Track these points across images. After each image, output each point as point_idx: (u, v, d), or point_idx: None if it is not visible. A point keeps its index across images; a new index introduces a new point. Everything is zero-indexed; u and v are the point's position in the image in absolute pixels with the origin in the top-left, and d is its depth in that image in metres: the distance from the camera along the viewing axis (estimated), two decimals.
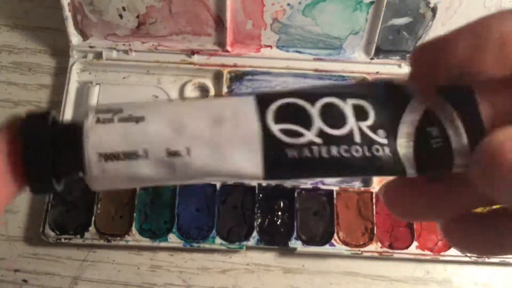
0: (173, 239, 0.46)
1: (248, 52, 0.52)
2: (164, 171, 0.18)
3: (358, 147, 0.18)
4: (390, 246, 0.47)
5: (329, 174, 0.18)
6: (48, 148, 0.18)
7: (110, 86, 0.51)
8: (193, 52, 0.52)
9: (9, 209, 0.48)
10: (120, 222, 0.46)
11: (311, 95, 0.18)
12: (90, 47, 0.52)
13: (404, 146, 0.18)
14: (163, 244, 0.46)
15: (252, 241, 0.46)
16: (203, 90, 0.52)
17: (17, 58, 0.54)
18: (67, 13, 0.50)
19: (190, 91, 0.52)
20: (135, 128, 0.17)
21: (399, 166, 0.18)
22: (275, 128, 0.18)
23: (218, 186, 0.47)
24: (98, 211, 0.46)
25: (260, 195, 0.47)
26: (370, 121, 0.18)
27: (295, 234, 0.46)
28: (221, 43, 0.52)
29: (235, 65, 0.52)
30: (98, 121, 0.18)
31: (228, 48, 0.52)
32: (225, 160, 0.18)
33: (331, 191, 0.48)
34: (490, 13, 0.17)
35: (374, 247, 0.46)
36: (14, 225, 0.47)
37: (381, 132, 0.18)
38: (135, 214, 0.46)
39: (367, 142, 0.18)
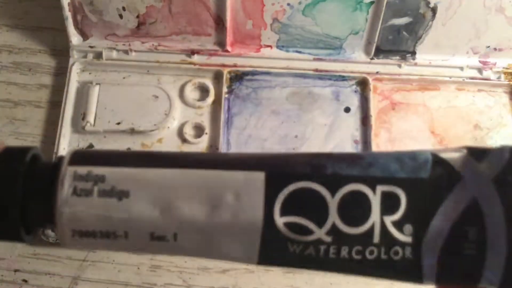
0: None
1: (248, 52, 0.52)
2: (144, 250, 0.16)
3: (374, 248, 0.15)
4: None
5: (334, 272, 0.16)
6: (17, 198, 0.15)
7: (110, 86, 0.51)
8: (193, 52, 0.52)
9: None
10: None
11: (336, 179, 0.15)
12: (90, 47, 0.52)
13: (430, 247, 0.15)
14: None
15: None
16: (203, 90, 0.52)
17: (17, 58, 0.54)
18: (67, 13, 0.50)
19: (190, 91, 0.52)
20: (117, 206, 0.15)
21: (416, 273, 0.15)
22: (281, 221, 0.15)
23: None
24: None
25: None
26: (399, 214, 0.15)
27: None
28: (221, 43, 0.52)
29: (235, 65, 0.52)
30: (74, 192, 0.15)
31: (228, 48, 0.52)
32: (217, 249, 0.16)
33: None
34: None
35: None
36: None
37: (408, 228, 0.15)
38: None
39: (387, 242, 0.15)
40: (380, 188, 0.15)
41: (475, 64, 0.53)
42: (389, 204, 0.15)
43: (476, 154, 0.15)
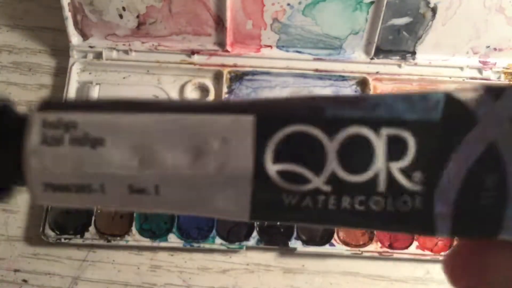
0: (173, 239, 0.46)
1: (248, 52, 0.52)
2: (124, 205, 0.14)
3: (379, 198, 0.14)
4: (390, 246, 0.47)
5: (334, 225, 0.15)
6: None
7: (110, 86, 0.51)
8: (193, 52, 0.52)
9: (9, 209, 0.48)
10: (120, 222, 0.46)
11: (335, 122, 0.14)
12: (90, 47, 0.52)
13: (443, 195, 0.14)
14: (163, 244, 0.46)
15: (252, 241, 0.46)
16: (203, 90, 0.52)
17: (17, 58, 0.54)
18: (67, 13, 0.50)
19: (190, 91, 0.52)
20: (90, 155, 0.14)
21: (428, 225, 0.14)
22: (273, 169, 0.14)
23: None
24: (98, 211, 0.46)
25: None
26: (407, 160, 0.14)
27: (295, 234, 0.46)
28: (221, 43, 0.52)
29: (235, 65, 0.52)
30: (44, 140, 0.14)
31: (228, 48, 0.52)
32: (203, 202, 0.14)
33: None
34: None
35: (374, 247, 0.46)
36: (14, 225, 0.47)
37: (418, 175, 0.14)
38: (135, 214, 0.46)
39: (394, 191, 0.14)
40: (385, 131, 0.14)
41: (475, 64, 0.53)
42: (395, 149, 0.14)
43: (494, 92, 0.14)
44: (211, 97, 0.51)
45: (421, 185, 0.14)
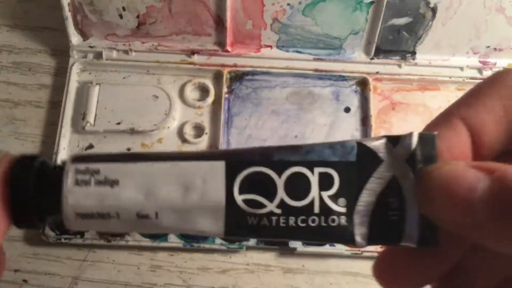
0: (173, 239, 0.46)
1: (248, 52, 0.52)
2: (133, 228, 0.20)
3: (315, 217, 0.19)
4: None
5: (285, 239, 0.20)
6: (31, 196, 0.20)
7: (110, 86, 0.51)
8: (193, 52, 0.52)
9: None
10: None
11: (281, 164, 0.19)
12: (90, 47, 0.52)
13: (360, 215, 0.19)
14: (163, 244, 0.46)
15: (252, 241, 0.46)
16: (203, 90, 0.52)
17: (17, 58, 0.54)
18: (67, 13, 0.50)
19: (190, 91, 0.52)
20: (110, 192, 0.19)
21: (350, 236, 0.19)
22: (240, 198, 0.19)
23: None
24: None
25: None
26: (334, 190, 0.19)
27: None
28: (221, 43, 0.52)
29: (235, 65, 0.52)
30: (76, 183, 0.19)
31: (228, 48, 0.52)
32: (190, 224, 0.19)
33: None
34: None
35: (374, 247, 0.46)
36: None
37: (341, 200, 0.19)
38: None
39: (325, 212, 0.19)
40: (317, 170, 0.19)
41: (475, 64, 0.53)
42: (325, 182, 0.19)
43: (392, 140, 0.19)
44: (211, 97, 0.51)
45: (344, 207, 0.19)
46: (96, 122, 0.49)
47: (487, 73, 0.53)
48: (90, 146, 0.49)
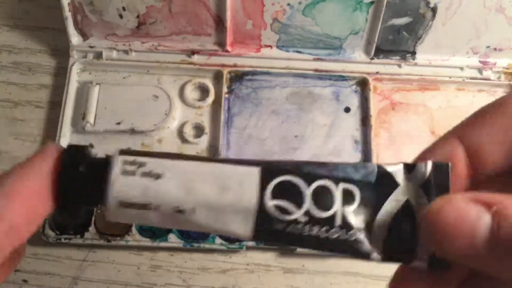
0: (173, 239, 0.46)
1: (248, 52, 0.52)
2: (168, 221, 0.21)
3: (337, 230, 0.21)
4: None
5: (308, 247, 0.21)
6: (80, 182, 0.21)
7: (110, 86, 0.51)
8: (193, 52, 0.52)
9: None
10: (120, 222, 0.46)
11: (310, 176, 0.21)
12: (90, 47, 0.52)
13: (377, 233, 0.21)
14: (163, 244, 0.46)
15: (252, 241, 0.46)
16: (203, 90, 0.52)
17: (17, 58, 0.54)
18: (67, 13, 0.50)
19: (190, 91, 0.52)
20: (153, 184, 0.20)
21: (366, 251, 0.21)
22: (270, 203, 0.20)
23: None
24: (98, 211, 0.46)
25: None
26: (355, 206, 0.21)
27: None
28: (221, 43, 0.52)
29: (235, 65, 0.52)
30: (123, 172, 0.21)
31: (228, 48, 0.52)
32: (222, 223, 0.21)
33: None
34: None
35: None
36: None
37: (361, 217, 0.21)
38: None
39: (346, 226, 0.21)
40: (341, 185, 0.21)
41: (475, 64, 0.53)
42: (347, 197, 0.21)
43: (408, 168, 0.21)
44: (211, 97, 0.51)
45: (363, 223, 0.21)
46: (96, 122, 0.49)
47: (487, 73, 0.53)
48: (90, 146, 0.49)
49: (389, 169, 0.21)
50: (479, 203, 0.18)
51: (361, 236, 0.20)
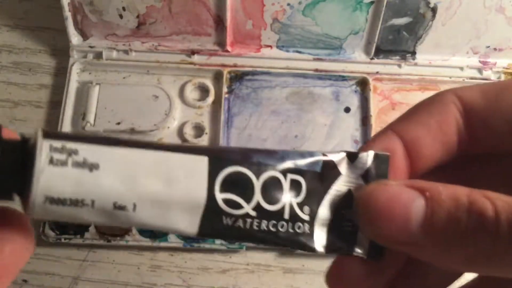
0: (173, 239, 0.46)
1: (248, 52, 0.52)
2: (105, 219, 0.18)
3: (284, 223, 0.20)
4: None
5: (256, 242, 0.20)
6: None
7: (110, 86, 0.51)
8: (193, 52, 0.52)
9: None
10: None
11: (260, 166, 0.20)
12: (90, 47, 0.52)
13: (320, 224, 0.20)
14: (163, 244, 0.46)
15: None
16: (203, 90, 0.52)
17: (17, 58, 0.54)
18: (67, 13, 0.50)
19: (190, 91, 0.52)
20: (88, 177, 0.17)
21: (311, 244, 0.20)
22: (220, 197, 0.19)
23: None
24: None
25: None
26: (301, 197, 0.20)
27: None
28: (221, 43, 0.52)
29: (235, 65, 0.52)
30: (51, 162, 0.17)
31: (228, 48, 0.52)
32: (167, 220, 0.18)
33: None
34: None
35: None
36: None
37: (306, 208, 0.20)
38: None
39: (293, 218, 0.20)
40: (289, 176, 0.20)
41: (475, 64, 0.53)
42: (295, 189, 0.20)
43: (351, 156, 0.21)
44: (211, 97, 0.51)
45: (308, 215, 0.20)
46: (96, 122, 0.49)
47: (487, 73, 0.53)
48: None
49: (333, 157, 0.21)
50: (413, 188, 0.18)
51: (306, 228, 0.20)
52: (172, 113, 0.50)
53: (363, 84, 0.53)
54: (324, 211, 0.20)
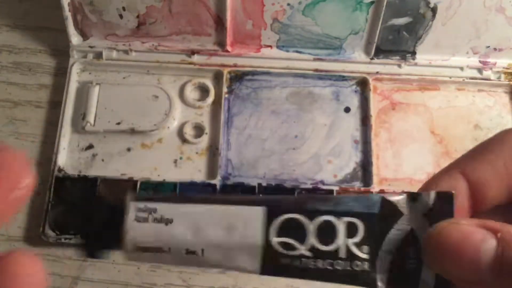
0: None
1: (248, 52, 0.52)
2: (181, 262, 0.22)
3: (341, 262, 0.22)
4: None
5: (314, 279, 0.22)
6: (100, 229, 0.24)
7: (110, 86, 0.51)
8: (193, 52, 0.52)
9: None
10: None
11: (313, 212, 0.22)
12: (90, 47, 0.52)
13: (382, 262, 0.22)
14: None
15: None
16: (203, 90, 0.52)
17: (17, 58, 0.54)
18: (67, 13, 0.50)
19: (190, 91, 0.52)
20: (164, 229, 0.22)
21: (372, 280, 0.21)
22: (275, 241, 0.22)
23: (218, 186, 0.47)
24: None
25: (260, 195, 0.47)
26: (358, 237, 0.22)
27: None
28: (221, 43, 0.52)
29: (235, 65, 0.52)
30: (136, 219, 0.23)
31: (228, 48, 0.52)
32: (230, 261, 0.22)
33: (331, 191, 0.48)
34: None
35: None
36: (14, 225, 0.47)
37: (365, 248, 0.22)
38: None
39: (350, 257, 0.22)
40: (344, 219, 0.22)
41: (475, 64, 0.53)
42: (351, 230, 0.22)
43: (412, 197, 0.22)
44: (211, 97, 0.51)
45: (367, 254, 0.21)
46: (96, 122, 0.49)
47: (487, 73, 0.53)
48: (90, 146, 0.49)
49: (392, 199, 0.22)
50: (484, 228, 0.18)
51: (366, 266, 0.21)
52: (172, 113, 0.50)
53: (363, 84, 0.53)
54: (385, 249, 0.21)
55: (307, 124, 0.51)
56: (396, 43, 0.52)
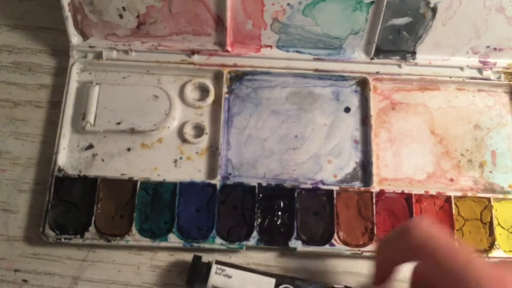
0: (173, 239, 0.46)
1: (248, 52, 0.52)
2: None
3: None
4: None
5: None
6: (198, 277, 0.43)
7: (110, 86, 0.51)
8: (193, 52, 0.52)
9: (9, 209, 0.48)
10: (120, 222, 0.46)
11: (299, 285, 0.43)
12: (90, 47, 0.52)
13: None
14: (163, 244, 0.46)
15: (252, 241, 0.46)
16: (203, 90, 0.52)
17: (17, 58, 0.54)
18: (67, 13, 0.50)
19: (190, 91, 0.52)
20: (228, 280, 0.42)
21: None
22: None
23: (218, 186, 0.47)
24: (98, 211, 0.46)
25: (260, 195, 0.47)
26: None
27: (295, 234, 0.46)
28: (221, 43, 0.52)
29: (235, 65, 0.52)
30: (216, 273, 0.42)
31: (228, 48, 0.52)
32: None
33: (331, 191, 0.48)
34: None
35: (374, 247, 0.46)
36: (14, 225, 0.47)
37: None
38: (135, 214, 0.46)
39: None
40: None
41: (475, 64, 0.53)
42: None
43: None
44: (211, 97, 0.51)
45: None
46: (96, 122, 0.49)
47: (487, 73, 0.53)
48: (90, 146, 0.49)
49: None
50: None
51: None
52: (172, 113, 0.50)
53: (363, 84, 0.53)
54: None
55: (307, 124, 0.51)
56: (396, 43, 0.52)
